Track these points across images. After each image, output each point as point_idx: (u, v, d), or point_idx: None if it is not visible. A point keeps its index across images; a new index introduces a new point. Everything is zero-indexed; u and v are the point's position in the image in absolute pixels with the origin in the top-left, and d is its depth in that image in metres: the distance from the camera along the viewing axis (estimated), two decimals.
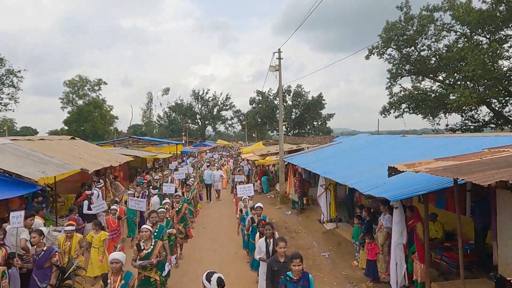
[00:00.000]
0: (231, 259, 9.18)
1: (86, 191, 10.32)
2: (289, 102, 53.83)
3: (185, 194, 11.09)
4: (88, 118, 56.01)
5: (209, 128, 70.47)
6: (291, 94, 53.97)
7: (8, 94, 42.50)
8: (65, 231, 6.74)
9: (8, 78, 41.78)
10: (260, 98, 55.31)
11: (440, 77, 29.17)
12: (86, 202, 9.65)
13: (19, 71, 42.36)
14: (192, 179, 14.53)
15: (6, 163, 8.53)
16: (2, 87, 41.85)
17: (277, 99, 53.49)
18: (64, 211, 11.74)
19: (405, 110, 31.63)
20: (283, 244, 5.06)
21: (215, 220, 13.72)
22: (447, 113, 29.04)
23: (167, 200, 9.52)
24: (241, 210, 9.02)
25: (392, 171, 5.22)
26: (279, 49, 16.22)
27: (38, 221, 7.11)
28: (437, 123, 30.60)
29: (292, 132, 54.47)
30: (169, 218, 8.24)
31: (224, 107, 66.73)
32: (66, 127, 57.71)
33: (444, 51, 27.07)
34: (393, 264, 6.44)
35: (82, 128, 55.71)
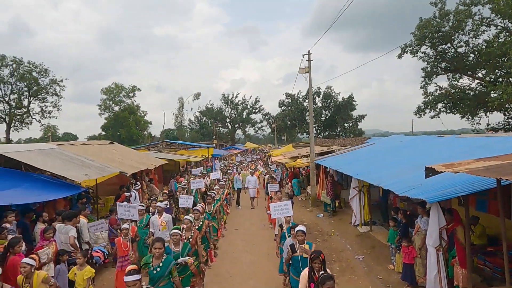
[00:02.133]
0: (263, 260, 9.24)
1: (125, 193, 10.81)
2: (319, 104, 53.26)
3: (206, 208, 9.33)
4: (123, 124, 58.35)
5: (239, 131, 71.21)
6: (321, 95, 53.39)
7: (52, 102, 45.33)
8: (20, 267, 4.93)
9: (51, 87, 44.57)
10: (290, 101, 55.15)
11: (480, 74, 27.77)
12: (125, 204, 10.08)
13: (61, 80, 45.09)
14: (217, 187, 12.51)
15: (53, 166, 9.15)
16: (47, 95, 44.69)
17: (307, 101, 53.13)
18: (104, 212, 12.34)
19: (442, 109, 30.39)
20: None
21: (247, 221, 13.84)
22: (488, 112, 27.57)
23: (189, 217, 6.97)
24: (281, 226, 7.48)
25: (430, 172, 5.08)
26: (308, 51, 16.18)
27: (82, 220, 7.56)
28: (477, 123, 29.13)
29: (322, 134, 53.84)
30: (186, 241, 6.29)
31: (253, 110, 67.18)
32: (103, 133, 60.47)
33: (483, 46, 25.74)
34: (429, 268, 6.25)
35: (118, 133, 58.09)
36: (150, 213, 8.80)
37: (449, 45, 27.94)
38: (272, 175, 17.44)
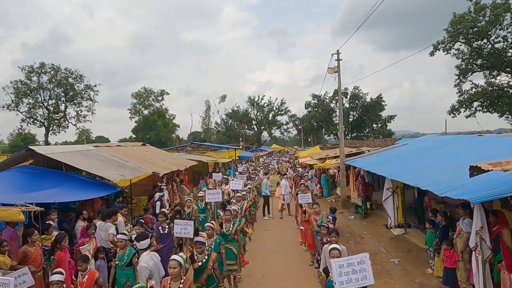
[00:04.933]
0: (295, 261, 9.18)
1: (157, 193, 11.08)
2: (346, 105, 52.38)
3: (224, 227, 7.23)
4: (152, 127, 59.90)
5: (264, 133, 71.31)
6: (348, 96, 52.51)
7: (86, 106, 47.43)
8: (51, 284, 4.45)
9: (86, 92, 46.66)
10: (316, 102, 54.62)
11: None
12: (158, 203, 10.36)
13: (95, 86, 47.14)
14: (233, 200, 10.12)
15: (91, 167, 9.53)
16: (82, 100, 46.81)
17: (333, 102, 52.40)
18: (137, 212, 12.71)
19: (478, 108, 29.11)
20: None
21: (277, 223, 13.78)
22: None
23: (177, 258, 4.53)
24: (326, 272, 4.82)
25: (474, 170, 4.84)
26: (337, 51, 15.95)
27: (120, 219, 7.80)
28: None
29: (350, 135, 52.89)
30: None
31: (279, 112, 67.08)
32: (134, 136, 62.36)
33: None
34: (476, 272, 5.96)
35: (148, 136, 59.68)
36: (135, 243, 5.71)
37: (485, 40, 26.74)
38: (303, 181, 14.23)
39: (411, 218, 11.20)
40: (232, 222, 7.37)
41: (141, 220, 7.69)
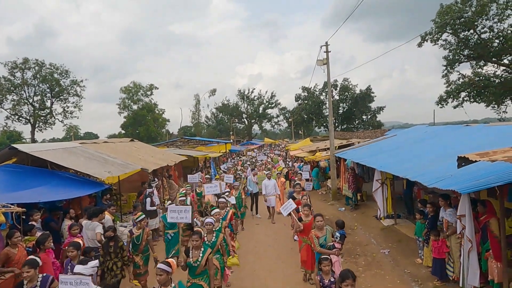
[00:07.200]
0: (287, 254, 9.18)
1: (147, 189, 10.93)
2: (336, 97, 52.50)
3: (190, 256, 5.25)
4: (142, 122, 59.17)
5: (255, 126, 71.13)
6: (338, 88, 52.60)
7: (73, 102, 46.55)
8: None
9: (72, 88, 45.73)
10: (306, 94, 54.62)
11: (506, 61, 26.68)
12: (148, 200, 10.22)
13: (81, 81, 46.21)
14: (217, 209, 7.52)
15: (77, 164, 9.32)
16: (68, 96, 45.88)
17: (323, 94, 52.46)
18: (127, 209, 12.55)
19: (465, 99, 29.46)
20: None
21: (268, 217, 13.76)
22: None
23: None
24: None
25: (462, 161, 4.85)
26: (326, 42, 15.87)
27: (107, 217, 7.66)
28: (503, 111, 28.13)
29: (340, 127, 53.14)
30: None
31: (269, 105, 66.89)
32: (123, 131, 61.50)
33: (509, 31, 24.71)
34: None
35: (137, 131, 58.98)
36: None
37: (472, 31, 26.94)
38: (298, 181, 12.25)
39: (400, 209, 11.30)
40: (202, 250, 5.24)
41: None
